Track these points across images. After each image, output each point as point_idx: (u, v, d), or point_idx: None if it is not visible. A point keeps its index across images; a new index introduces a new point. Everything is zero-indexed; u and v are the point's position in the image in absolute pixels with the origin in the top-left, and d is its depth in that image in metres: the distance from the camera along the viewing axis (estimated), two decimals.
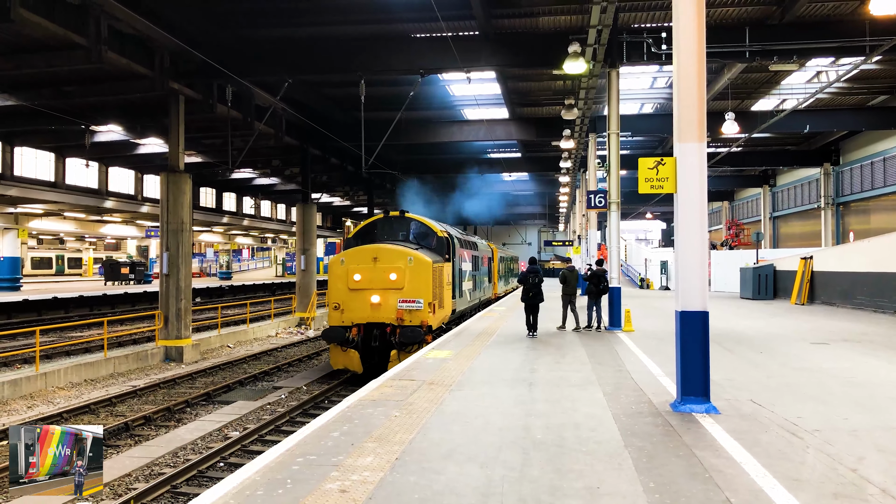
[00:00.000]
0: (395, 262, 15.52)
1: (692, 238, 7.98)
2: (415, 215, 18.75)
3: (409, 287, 15.38)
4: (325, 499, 4.96)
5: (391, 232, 18.02)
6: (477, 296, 24.82)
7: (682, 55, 8.05)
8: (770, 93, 28.39)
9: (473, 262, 23.71)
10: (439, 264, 16.82)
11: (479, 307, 26.22)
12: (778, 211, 49.52)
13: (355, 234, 18.28)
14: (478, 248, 25.86)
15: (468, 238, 25.07)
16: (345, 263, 15.83)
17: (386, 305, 15.44)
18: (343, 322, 15.66)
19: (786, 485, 5.22)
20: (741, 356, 12.33)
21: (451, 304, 18.19)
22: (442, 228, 18.97)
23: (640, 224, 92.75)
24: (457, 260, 19.30)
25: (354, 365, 15.77)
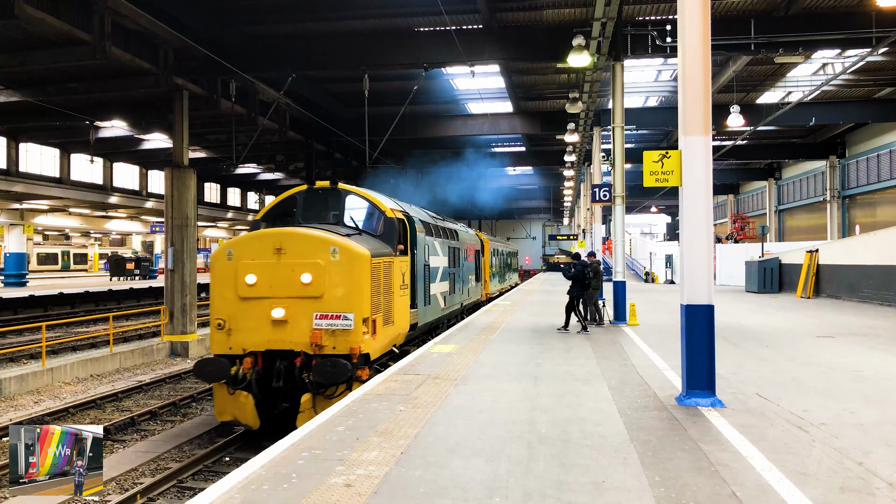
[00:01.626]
0: (311, 254, 10.21)
1: (697, 231, 7.95)
2: (353, 188, 13.06)
3: (333, 294, 10.13)
4: (330, 493, 4.97)
5: (317, 211, 12.60)
6: (457, 300, 19.62)
7: (687, 48, 8.01)
8: (775, 85, 28.26)
9: (451, 255, 18.55)
10: (386, 258, 11.46)
11: (463, 314, 21.74)
12: (783, 204, 49.36)
13: (264, 214, 12.85)
14: (458, 238, 20.31)
15: (444, 224, 19.24)
16: (233, 258, 10.40)
17: (295, 323, 10.15)
18: (230, 349, 10.32)
19: (792, 479, 5.20)
20: (747, 350, 12.30)
21: (407, 316, 13.04)
22: (396, 207, 13.53)
23: (645, 218, 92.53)
24: (421, 252, 14.31)
25: (247, 416, 10.27)
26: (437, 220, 18.24)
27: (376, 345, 10.87)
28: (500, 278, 35.90)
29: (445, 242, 17.79)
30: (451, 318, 19.42)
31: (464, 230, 23.33)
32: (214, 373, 10.20)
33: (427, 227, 15.62)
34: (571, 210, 65.80)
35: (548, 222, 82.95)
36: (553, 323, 17.22)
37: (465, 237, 22.52)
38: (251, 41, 20.35)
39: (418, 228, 14.31)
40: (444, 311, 17.51)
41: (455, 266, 19.24)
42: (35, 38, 17.62)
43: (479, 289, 25.44)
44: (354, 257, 10.29)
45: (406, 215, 13.88)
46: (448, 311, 18.25)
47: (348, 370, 9.74)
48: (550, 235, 76.59)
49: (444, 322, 18.58)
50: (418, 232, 14.20)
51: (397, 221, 12.88)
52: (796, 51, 19.93)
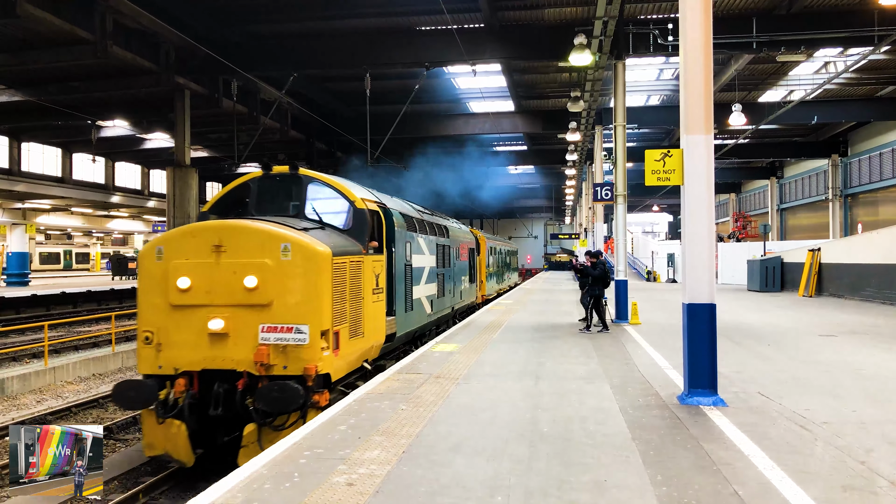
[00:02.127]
0: (257, 253, 8.39)
1: (699, 230, 7.94)
2: (318, 174, 10.98)
3: (284, 301, 8.30)
4: (332, 492, 4.97)
5: (274, 201, 10.51)
6: (447, 303, 17.58)
7: (689, 46, 8.00)
8: (777, 84, 28.25)
9: (440, 253, 16.58)
10: (353, 257, 9.54)
11: (455, 318, 19.71)
12: (785, 203, 49.32)
13: (213, 205, 10.82)
14: (449, 234, 18.21)
15: (432, 219, 16.92)
16: (163, 257, 8.60)
17: (238, 337, 8.30)
18: (160, 368, 8.46)
19: (794, 477, 5.19)
20: (749, 349, 12.29)
21: (382, 325, 10.99)
22: (369, 197, 11.38)
23: (647, 217, 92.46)
24: (401, 250, 12.43)
25: (179, 451, 8.44)
26: (423, 215, 15.79)
27: (339, 362, 8.84)
28: (498, 278, 33.58)
29: (433, 239, 15.64)
30: (440, 325, 17.34)
31: (456, 226, 21.06)
32: (137, 398, 8.32)
33: (410, 222, 13.46)
34: (573, 209, 65.83)
35: (549, 221, 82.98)
36: (555, 322, 17.22)
37: (458, 234, 20.29)
38: (252, 40, 20.36)
39: (397, 223, 12.26)
40: (430, 318, 15.38)
41: (445, 266, 17.17)
42: (37, 37, 17.66)
43: (473, 290, 23.27)
44: (311, 256, 8.38)
45: (382, 207, 11.68)
46: (436, 316, 16.11)
47: (300, 396, 7.85)
48: (552, 234, 76.60)
49: (433, 329, 16.48)
50: (397, 227, 12.19)
51: (370, 214, 10.60)
52: (798, 49, 19.92)
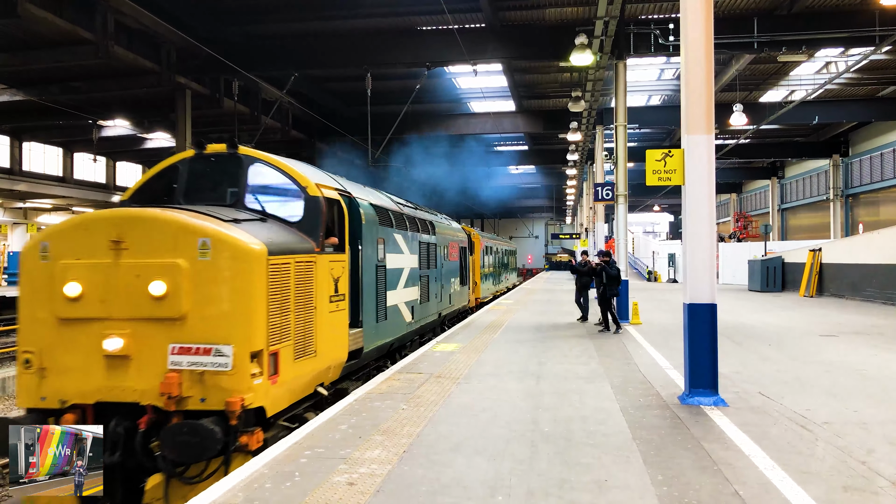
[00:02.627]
0: (167, 251, 6.51)
1: (700, 230, 7.94)
2: (263, 154, 8.68)
3: (202, 314, 6.45)
4: (332, 491, 4.97)
5: (207, 188, 8.40)
6: (433, 309, 15.62)
7: (690, 46, 8.00)
8: (778, 84, 28.24)
9: (425, 252, 14.63)
10: (302, 257, 7.55)
11: (443, 325, 17.78)
12: (786, 203, 49.32)
13: (134, 193, 8.65)
14: (434, 232, 16.04)
15: (414, 213, 14.71)
16: (50, 255, 6.69)
17: (141, 361, 6.42)
18: (42, 399, 6.46)
19: (795, 477, 5.19)
20: (750, 349, 12.29)
21: (344, 339, 8.89)
22: (329, 183, 9.13)
23: (648, 217, 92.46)
24: (371, 248, 10.39)
25: None
26: (403, 208, 13.65)
27: (279, 391, 6.85)
28: (494, 280, 31.42)
29: (415, 237, 13.64)
30: (424, 333, 15.29)
31: (444, 223, 18.70)
32: None
33: (384, 216, 11.36)
34: (574, 209, 65.82)
35: (550, 221, 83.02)
36: (556, 321, 17.23)
37: (446, 231, 18.06)
38: (253, 40, 20.38)
39: (366, 216, 10.17)
40: (412, 326, 13.25)
41: (430, 267, 15.10)
42: (38, 37, 17.67)
43: (465, 294, 21.10)
44: (239, 255, 6.43)
45: (346, 196, 9.55)
46: (419, 324, 13.99)
47: (216, 440, 5.96)
48: (553, 234, 76.66)
49: (416, 339, 14.68)
50: (367, 220, 10.14)
51: (327, 204, 8.41)
52: (799, 49, 19.93)
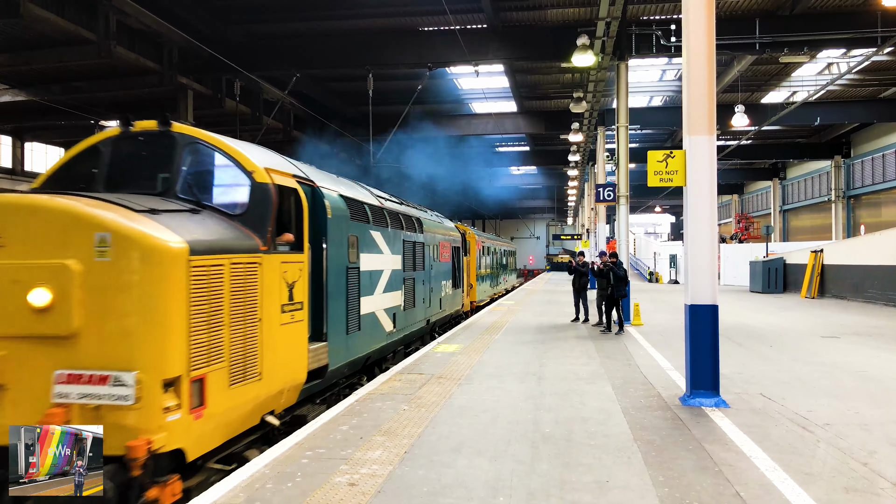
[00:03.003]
0: (54, 248, 5.12)
1: (702, 231, 7.94)
2: (202, 132, 7.11)
3: (98, 331, 5.06)
4: (334, 492, 4.97)
5: (135, 173, 6.97)
6: (420, 316, 13.99)
7: (692, 47, 8.00)
8: (780, 85, 28.22)
9: (410, 252, 13.03)
10: (237, 258, 6.12)
11: (433, 332, 16.48)
12: (788, 204, 49.27)
13: (47, 179, 7.70)
14: (422, 230, 14.45)
15: (397, 208, 12.91)
16: None
17: (19, 390, 5.03)
18: None
19: (797, 479, 5.19)
20: (751, 350, 12.28)
21: (301, 358, 7.40)
22: (282, 168, 7.64)
23: (650, 218, 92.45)
24: (340, 247, 8.84)
25: None
26: (383, 202, 11.90)
27: (207, 426, 5.54)
28: (492, 282, 29.86)
29: (398, 235, 12.00)
30: (410, 343, 13.91)
31: (434, 220, 17.02)
32: None
33: (358, 210, 9.72)
34: (575, 210, 65.85)
35: (552, 222, 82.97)
36: (557, 322, 17.22)
37: (437, 229, 16.36)
38: (255, 40, 20.40)
39: (332, 208, 8.46)
40: (393, 336, 11.56)
41: (416, 268, 13.49)
42: (40, 37, 17.69)
43: (458, 297, 19.39)
44: (149, 255, 5.13)
45: (306, 185, 8.00)
46: (403, 333, 12.32)
47: (107, 501, 4.57)
48: (554, 235, 76.57)
49: (401, 349, 13.07)
50: (333, 214, 8.44)
51: (279, 192, 6.99)
52: (801, 50, 19.91)
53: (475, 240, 24.40)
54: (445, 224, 18.80)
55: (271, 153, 7.96)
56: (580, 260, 17.43)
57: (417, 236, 13.79)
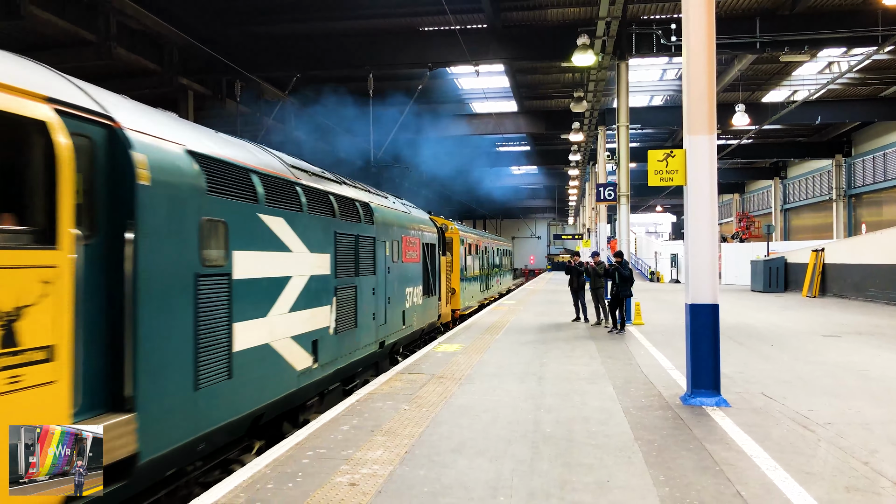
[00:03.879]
0: None
1: (702, 231, 7.94)
2: None
3: None
4: (334, 492, 4.98)
5: None
6: (367, 338, 10.49)
7: (692, 47, 8.00)
8: (781, 84, 28.21)
9: (345, 250, 9.50)
10: None
11: (393, 355, 13.04)
12: (789, 203, 49.25)
13: None
14: (371, 218, 10.96)
15: (322, 185, 9.16)
16: None
17: None
18: None
19: (797, 478, 5.19)
20: (752, 349, 12.27)
21: None
22: None
23: (651, 217, 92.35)
24: (173, 240, 5.37)
25: None
26: (296, 174, 8.31)
27: None
28: (482, 285, 26.60)
29: (324, 224, 8.53)
30: (352, 377, 10.30)
31: (395, 208, 13.04)
32: None
33: (230, 179, 6.41)
34: (576, 209, 65.85)
35: (552, 222, 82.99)
36: (558, 322, 17.21)
37: (397, 221, 12.55)
38: (255, 41, 20.41)
39: (160, 170, 5.21)
40: (313, 376, 8.10)
41: (359, 273, 9.90)
42: (41, 39, 17.71)
43: (433, 307, 16.04)
44: None
45: (84, 118, 4.60)
46: (335, 367, 8.88)
47: None
48: (555, 235, 76.55)
49: (339, 386, 9.56)
50: (158, 182, 5.15)
51: None
52: (802, 49, 19.91)
53: (458, 236, 21.20)
54: (415, 216, 15.04)
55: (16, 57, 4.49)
56: (576, 260, 17.49)
57: (363, 228, 10.23)
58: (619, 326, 14.91)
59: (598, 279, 16.22)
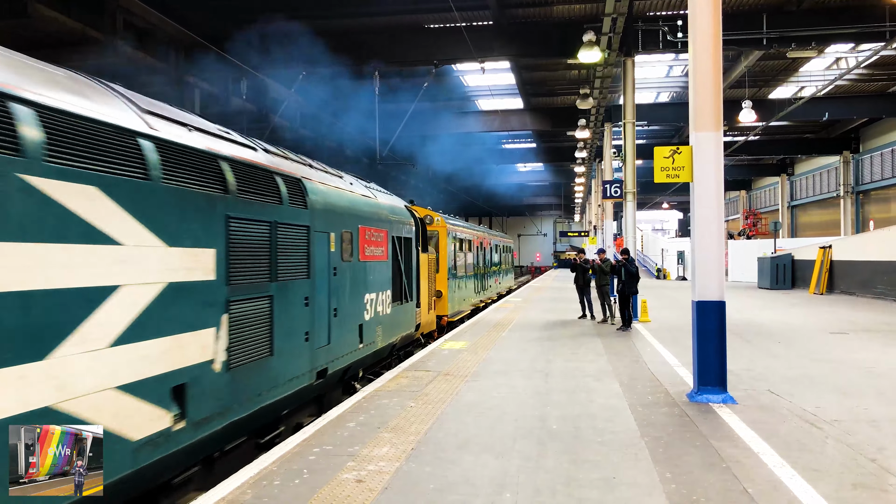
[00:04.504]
0: None
1: (708, 227, 7.92)
2: None
3: None
4: (341, 489, 4.99)
5: None
6: (293, 371, 7.33)
7: (698, 43, 7.97)
8: (788, 80, 28.10)
9: (249, 243, 6.39)
10: None
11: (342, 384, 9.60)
12: (796, 200, 49.05)
13: None
14: (301, 198, 7.78)
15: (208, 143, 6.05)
16: None
17: None
18: None
19: (805, 475, 5.17)
20: (759, 346, 12.23)
21: None
22: None
23: (657, 214, 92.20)
24: None
25: None
26: (152, 118, 5.40)
27: None
28: (477, 285, 23.59)
29: (206, 204, 5.74)
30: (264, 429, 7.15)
31: (350, 190, 10.01)
32: None
33: None
34: (582, 206, 65.71)
35: (559, 219, 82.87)
36: (564, 319, 17.20)
37: (347, 205, 9.45)
38: (261, 38, 20.41)
39: None
40: (179, 441, 5.19)
41: (286, 275, 7.19)
42: (48, 37, 17.76)
43: (407, 316, 12.84)
44: None
45: None
46: (222, 422, 5.85)
47: None
48: (561, 232, 76.52)
49: (218, 451, 6.19)
50: None
51: None
52: (809, 45, 19.79)
53: (445, 230, 18.34)
54: (381, 202, 11.71)
55: None
56: (582, 257, 17.49)
57: (287, 213, 7.30)
58: (625, 323, 14.87)
59: (604, 276, 16.20)
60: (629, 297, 14.95)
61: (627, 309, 14.95)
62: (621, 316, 15.13)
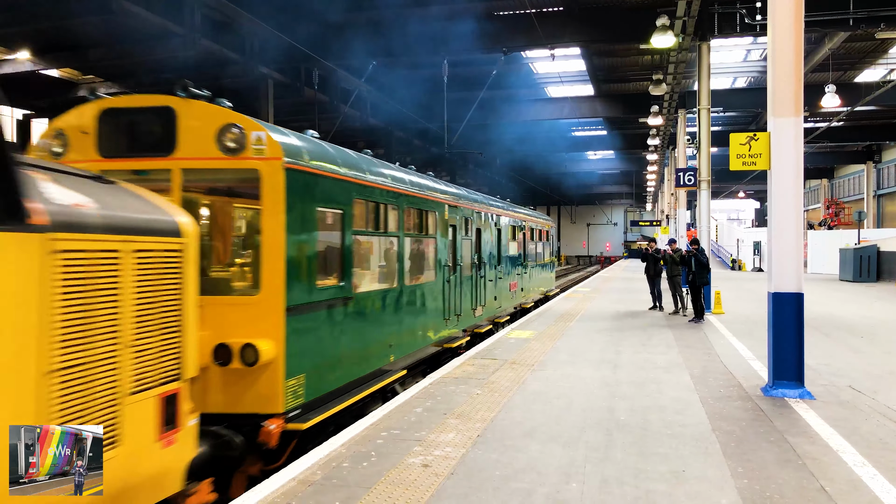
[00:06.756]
0: None
1: (786, 217, 7.65)
2: None
3: None
4: (407, 472, 5.07)
5: None
6: None
7: (778, 25, 7.68)
8: (876, 62, 26.74)
9: None
10: None
11: None
12: (883, 188, 46.70)
13: None
14: None
15: None
16: None
17: None
18: None
19: (887, 475, 4.97)
20: (840, 341, 11.77)
21: None
22: None
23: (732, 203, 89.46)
24: None
25: None
26: None
27: None
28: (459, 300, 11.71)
29: None
30: None
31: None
32: None
33: None
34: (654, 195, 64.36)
35: (630, 208, 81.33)
36: (634, 310, 16.93)
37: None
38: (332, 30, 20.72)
39: None
40: None
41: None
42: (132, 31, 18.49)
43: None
44: None
45: None
46: None
47: None
48: (632, 221, 75.10)
49: None
50: None
51: None
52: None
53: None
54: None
55: None
56: (653, 247, 17.16)
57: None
58: (697, 315, 14.53)
59: (675, 266, 15.86)
60: (700, 288, 14.60)
61: (699, 300, 14.59)
62: (693, 307, 14.79)
